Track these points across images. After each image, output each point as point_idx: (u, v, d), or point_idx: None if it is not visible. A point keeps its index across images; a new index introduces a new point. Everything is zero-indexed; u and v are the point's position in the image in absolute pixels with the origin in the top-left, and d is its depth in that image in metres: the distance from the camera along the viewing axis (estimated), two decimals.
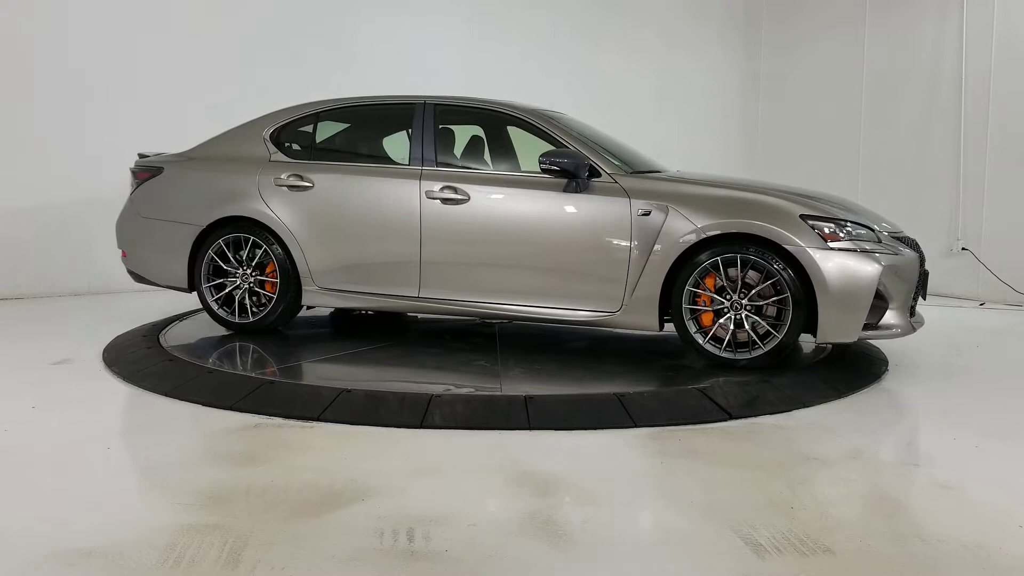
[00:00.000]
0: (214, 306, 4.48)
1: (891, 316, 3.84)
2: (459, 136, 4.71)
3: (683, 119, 9.09)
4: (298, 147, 4.66)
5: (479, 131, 4.76)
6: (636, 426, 3.10)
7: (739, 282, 3.76)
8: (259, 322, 4.43)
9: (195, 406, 3.33)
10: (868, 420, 3.38)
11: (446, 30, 7.90)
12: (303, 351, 4.39)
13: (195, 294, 4.61)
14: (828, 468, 2.68)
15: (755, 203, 3.88)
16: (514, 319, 4.22)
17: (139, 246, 4.80)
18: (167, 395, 3.46)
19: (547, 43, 8.43)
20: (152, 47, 6.72)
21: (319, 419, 3.12)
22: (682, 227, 3.80)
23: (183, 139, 5.01)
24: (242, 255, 4.44)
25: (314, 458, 2.73)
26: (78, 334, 4.83)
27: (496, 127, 4.71)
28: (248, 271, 4.43)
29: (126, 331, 4.71)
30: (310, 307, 4.67)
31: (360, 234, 4.29)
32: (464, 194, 4.10)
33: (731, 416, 3.23)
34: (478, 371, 3.86)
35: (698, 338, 3.83)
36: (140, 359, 4.01)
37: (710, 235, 3.77)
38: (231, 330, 4.49)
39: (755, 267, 3.74)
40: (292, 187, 4.37)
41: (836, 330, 3.72)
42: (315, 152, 4.67)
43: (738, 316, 3.77)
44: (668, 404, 3.32)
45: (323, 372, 3.94)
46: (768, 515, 2.27)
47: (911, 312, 3.98)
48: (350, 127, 4.83)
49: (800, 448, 2.90)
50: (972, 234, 7.19)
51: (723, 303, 3.79)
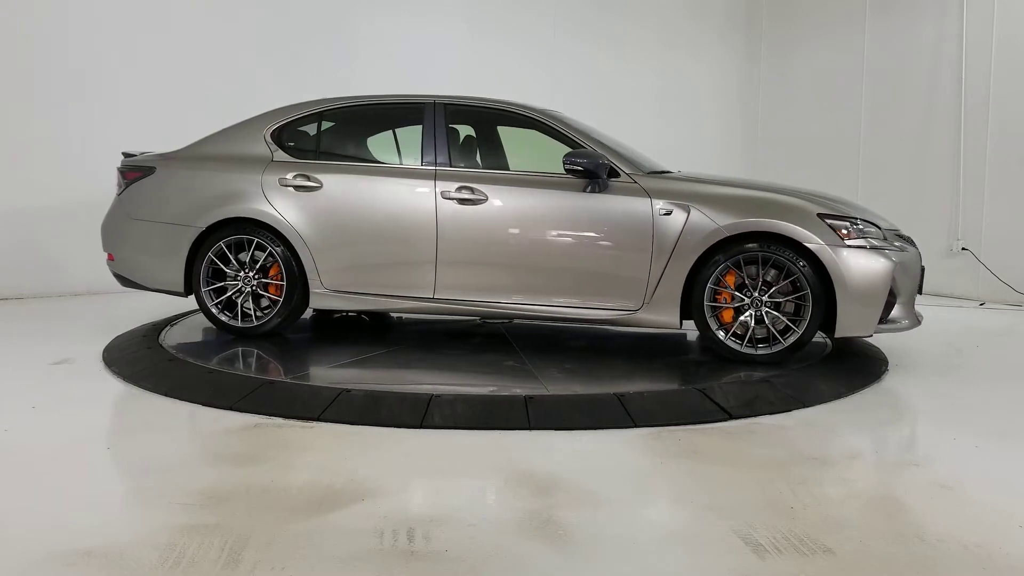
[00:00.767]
0: (214, 310, 4.37)
1: (899, 310, 4.01)
2: (473, 136, 4.71)
3: (683, 119, 9.10)
4: (302, 147, 4.56)
5: (471, 131, 4.75)
6: (636, 426, 3.11)
7: (760, 280, 3.89)
8: (263, 326, 4.33)
9: (195, 406, 3.33)
10: (868, 420, 3.38)
11: (446, 30, 7.91)
12: (316, 356, 4.26)
13: (189, 298, 4.49)
14: (828, 468, 2.68)
15: (775, 202, 3.99)
16: (532, 318, 4.20)
17: (129, 249, 4.61)
18: (167, 395, 3.46)
19: (547, 43, 8.43)
20: (151, 47, 6.72)
21: (319, 419, 3.12)
22: (705, 226, 3.89)
23: (181, 139, 4.97)
24: (243, 257, 4.35)
25: (314, 458, 2.73)
26: (78, 334, 4.83)
27: (509, 127, 4.69)
28: (251, 274, 4.33)
29: (126, 331, 4.71)
30: (316, 311, 4.59)
31: (372, 235, 4.20)
32: (481, 194, 4.09)
33: (731, 416, 3.23)
34: (512, 372, 3.82)
35: (719, 334, 3.93)
36: (140, 359, 4.01)
37: (733, 234, 3.87)
38: (232, 335, 4.39)
39: (775, 265, 3.87)
40: (299, 187, 4.27)
41: (854, 325, 3.85)
42: (320, 152, 4.56)
43: (758, 313, 3.89)
44: (668, 404, 3.32)
45: (353, 376, 3.74)
46: (768, 515, 2.27)
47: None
48: (356, 126, 4.77)
49: (800, 448, 2.90)
50: (972, 234, 7.19)
51: (743, 300, 3.91)
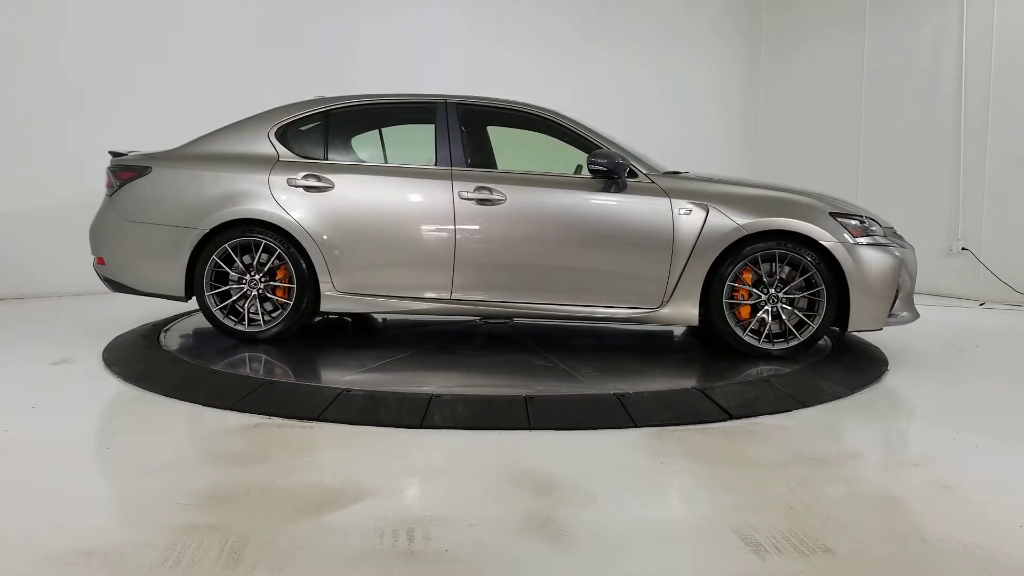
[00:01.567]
0: (219, 315, 4.23)
1: (900, 305, 4.18)
2: (484, 137, 4.70)
3: (683, 119, 9.10)
4: (309, 146, 4.43)
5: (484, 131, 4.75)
6: (636, 426, 3.11)
7: (777, 277, 4.03)
8: (271, 330, 4.21)
9: (195, 406, 3.33)
10: (868, 420, 3.38)
11: (446, 29, 7.91)
12: (330, 360, 4.14)
13: (186, 302, 4.39)
14: (828, 468, 2.68)
15: (790, 202, 4.13)
16: (551, 318, 4.22)
17: (123, 252, 4.40)
18: (167, 395, 3.46)
19: (547, 43, 8.43)
20: (151, 47, 6.72)
21: (319, 419, 3.12)
22: (724, 225, 4.00)
23: (177, 138, 4.95)
24: (248, 260, 4.22)
25: (314, 458, 2.73)
26: (78, 334, 4.83)
27: (521, 128, 4.68)
28: (258, 277, 4.22)
29: (126, 331, 4.71)
30: (324, 314, 4.51)
31: (387, 236, 4.13)
32: (500, 194, 4.08)
33: (731, 416, 3.23)
34: (547, 372, 3.82)
35: (737, 330, 4.05)
36: (140, 359, 4.01)
37: (751, 232, 3.98)
38: (238, 340, 4.24)
39: (791, 262, 4.01)
40: (309, 188, 4.16)
41: (865, 320, 4.02)
42: (329, 151, 4.46)
43: (774, 309, 4.03)
44: (668, 404, 3.32)
45: (391, 381, 3.65)
46: (768, 515, 2.27)
47: None
48: (364, 126, 4.73)
49: (800, 448, 2.90)
50: (972, 234, 7.20)
51: (760, 297, 4.04)
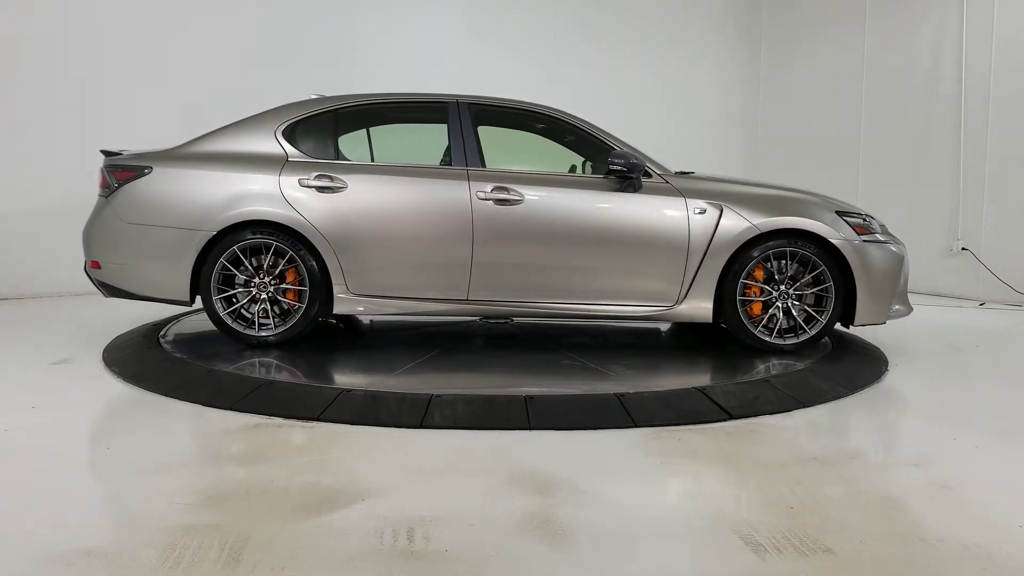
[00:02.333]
0: (227, 319, 4.10)
1: (896, 299, 4.33)
2: (495, 137, 4.70)
3: (683, 119, 9.10)
4: (318, 145, 4.37)
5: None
6: (636, 426, 3.11)
7: (788, 273, 4.18)
8: (283, 334, 4.10)
9: (195, 406, 3.33)
10: (868, 420, 3.38)
11: (445, 28, 7.91)
12: (361, 363, 4.09)
13: (190, 307, 4.28)
14: (828, 468, 2.68)
15: (799, 201, 4.29)
16: (569, 317, 4.26)
17: (123, 256, 4.20)
18: (167, 395, 3.46)
19: (547, 42, 8.43)
20: (150, 47, 6.72)
21: (319, 419, 3.12)
22: (738, 224, 4.11)
23: (178, 138, 4.96)
24: (256, 262, 4.11)
25: (314, 458, 2.73)
26: (78, 334, 4.83)
27: (533, 128, 4.70)
28: (268, 279, 4.11)
29: (126, 331, 4.71)
30: (334, 317, 4.43)
31: (404, 237, 4.08)
32: (517, 194, 4.09)
33: (731, 416, 3.23)
34: (577, 371, 3.86)
35: (750, 326, 4.16)
36: (140, 359, 4.01)
37: (764, 231, 4.10)
38: (247, 345, 4.12)
39: (800, 260, 4.15)
40: (322, 188, 4.07)
41: (870, 314, 4.21)
42: (339, 151, 4.41)
43: (785, 305, 4.17)
44: (668, 404, 3.32)
45: (424, 383, 3.58)
46: (768, 515, 2.27)
47: None
48: (374, 125, 4.70)
49: (800, 448, 2.90)
50: (972, 234, 7.20)
51: (771, 293, 4.17)
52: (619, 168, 4.08)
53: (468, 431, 3.04)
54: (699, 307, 4.14)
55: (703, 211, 4.12)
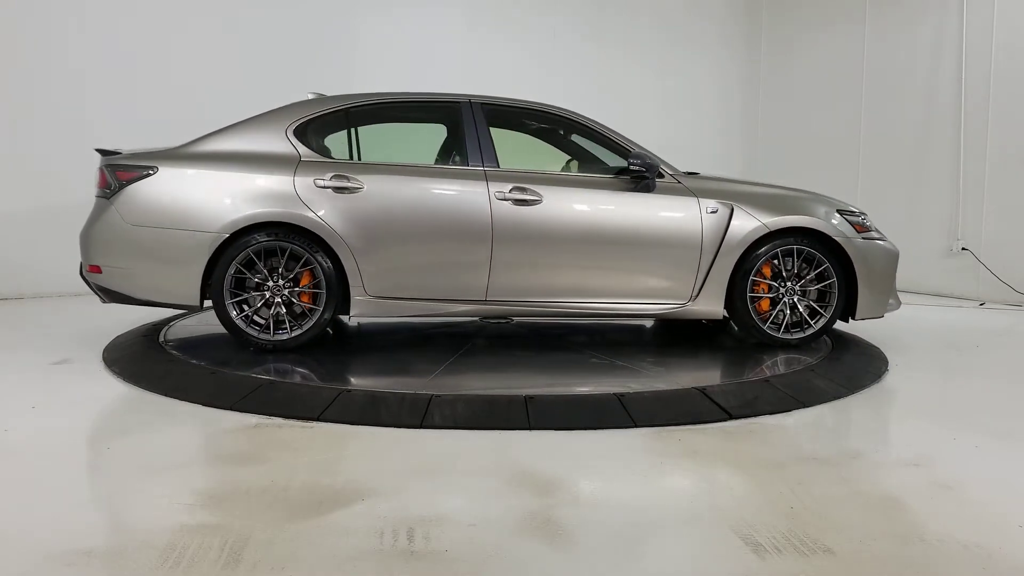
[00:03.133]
0: (241, 324, 3.99)
1: (890, 295, 4.54)
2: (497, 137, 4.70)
3: (683, 118, 9.10)
4: (332, 145, 4.29)
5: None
6: (636, 426, 3.11)
7: (795, 271, 4.32)
8: (299, 338, 4.00)
9: (195, 406, 3.33)
10: (868, 420, 3.38)
11: (445, 27, 7.91)
12: (385, 367, 4.01)
13: (200, 312, 4.18)
14: (828, 468, 2.68)
15: (804, 200, 4.44)
16: (585, 316, 4.30)
17: (127, 260, 4.02)
18: (167, 395, 3.46)
19: (546, 41, 8.43)
20: (150, 47, 6.72)
21: (319, 419, 3.12)
22: (748, 223, 4.22)
23: (179, 137, 4.95)
24: (270, 265, 4.00)
25: (314, 458, 2.73)
26: (78, 334, 4.83)
27: (545, 129, 4.70)
28: (282, 283, 4.00)
29: (126, 331, 4.71)
30: (348, 320, 4.36)
31: (422, 238, 4.04)
32: (535, 194, 4.09)
33: (731, 416, 3.24)
34: (605, 369, 3.89)
35: (759, 322, 4.29)
36: (140, 359, 4.01)
37: (773, 229, 4.22)
38: (261, 350, 4.00)
39: (806, 257, 4.30)
40: (338, 189, 3.98)
41: (870, 309, 4.39)
42: (354, 151, 4.34)
43: (791, 301, 4.32)
44: (668, 404, 3.32)
45: (457, 384, 3.58)
46: (768, 515, 2.27)
47: None
48: (386, 124, 4.68)
49: (800, 448, 2.90)
50: (972, 234, 7.20)
51: (779, 290, 4.31)
52: (638, 168, 4.13)
53: (468, 431, 3.04)
54: (711, 304, 4.24)
55: (715, 210, 4.22)
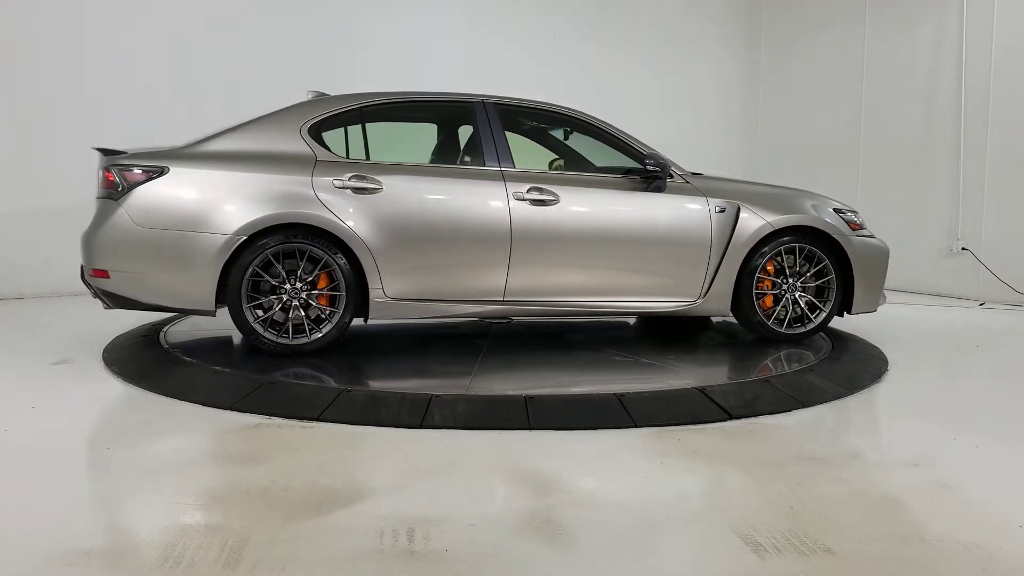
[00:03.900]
0: (259, 328, 3.86)
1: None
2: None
3: (683, 119, 9.10)
4: (348, 145, 4.20)
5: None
6: (636, 426, 3.10)
7: (797, 268, 4.46)
8: (319, 341, 3.91)
9: (195, 406, 3.33)
10: (868, 420, 3.38)
11: (445, 27, 7.91)
12: (414, 369, 3.96)
13: (213, 316, 4.04)
14: (828, 468, 2.68)
15: (805, 200, 4.58)
16: (599, 315, 4.36)
17: (139, 264, 3.85)
18: (167, 395, 3.46)
19: (546, 41, 8.43)
20: (150, 46, 6.72)
21: (319, 419, 3.12)
22: (754, 222, 4.33)
23: (179, 137, 4.94)
24: (286, 267, 3.90)
25: (314, 458, 2.73)
26: (78, 334, 4.83)
27: (536, 129, 4.71)
28: (300, 285, 3.89)
29: (126, 331, 4.71)
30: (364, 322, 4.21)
31: (442, 239, 4.00)
32: (552, 195, 4.11)
33: (731, 416, 3.24)
34: (634, 366, 3.95)
35: (764, 318, 4.43)
36: (140, 359, 4.01)
37: (777, 228, 4.35)
38: (281, 355, 3.89)
39: (806, 255, 4.45)
40: (357, 190, 3.92)
41: (865, 303, 4.56)
42: (370, 150, 4.26)
43: (793, 297, 4.46)
44: (668, 404, 3.32)
45: (502, 383, 3.61)
46: (768, 515, 2.27)
47: None
48: (400, 124, 4.66)
49: (800, 448, 2.90)
50: (972, 234, 7.20)
51: (781, 287, 4.45)
52: (654, 168, 4.20)
53: (468, 431, 3.04)
54: (720, 301, 4.33)
55: (723, 210, 4.31)
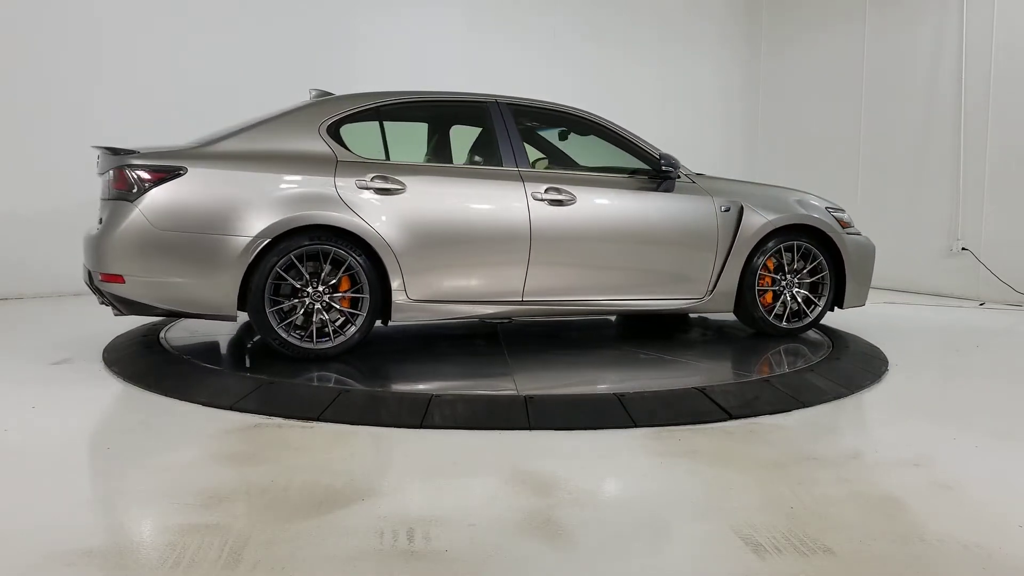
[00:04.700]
0: (282, 332, 3.75)
1: None
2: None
3: (683, 118, 9.10)
4: (367, 144, 4.13)
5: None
6: (636, 426, 3.10)
7: (795, 265, 4.64)
8: (343, 345, 3.83)
9: (195, 406, 3.32)
10: (868, 420, 3.38)
11: (445, 27, 7.91)
12: (435, 373, 3.89)
13: (234, 321, 3.88)
14: (828, 468, 2.68)
15: (802, 199, 4.74)
16: (610, 313, 4.43)
17: (157, 268, 3.69)
18: (167, 395, 3.46)
19: (546, 40, 8.43)
20: (151, 46, 6.72)
21: (319, 419, 3.12)
22: (756, 221, 4.48)
23: (180, 137, 4.94)
24: (308, 269, 3.81)
25: (314, 458, 2.73)
26: (78, 334, 4.83)
27: (568, 130, 4.74)
28: (322, 288, 3.81)
29: (126, 331, 4.71)
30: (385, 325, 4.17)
31: (465, 240, 3.98)
32: (569, 195, 4.14)
33: (731, 416, 3.23)
34: (657, 364, 4.03)
35: (765, 314, 4.58)
36: (140, 359, 4.01)
37: (777, 227, 4.51)
38: (304, 359, 3.80)
39: (803, 252, 4.62)
40: (380, 191, 3.86)
41: (856, 298, 4.76)
42: (389, 150, 4.23)
43: (791, 293, 4.64)
44: (668, 404, 3.32)
45: (537, 382, 3.62)
46: (768, 515, 2.27)
47: None
48: (416, 124, 4.66)
49: (800, 448, 2.90)
50: (972, 234, 7.20)
51: (780, 283, 4.62)
52: (668, 169, 4.29)
53: (468, 431, 3.04)
54: (725, 298, 4.48)
55: (727, 209, 4.45)
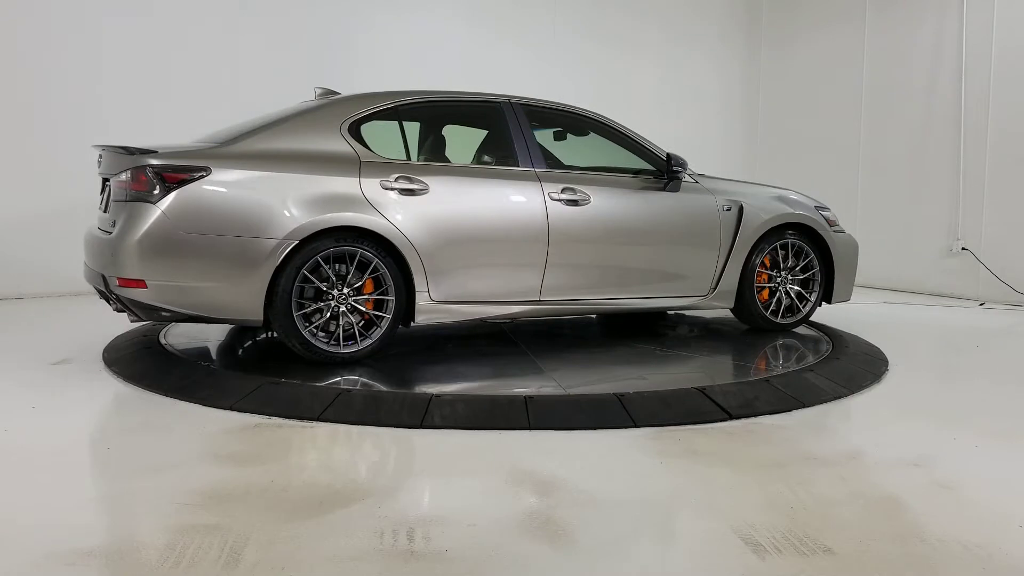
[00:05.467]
0: (308, 336, 3.65)
1: None
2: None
3: (683, 118, 9.10)
4: (388, 144, 4.11)
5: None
6: (636, 426, 3.11)
7: (789, 262, 4.75)
8: (369, 348, 3.76)
9: (195, 406, 3.32)
10: (868, 420, 3.38)
11: (445, 27, 7.91)
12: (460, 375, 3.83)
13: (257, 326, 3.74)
14: (828, 468, 2.68)
15: (796, 199, 4.88)
16: (621, 311, 4.48)
17: (182, 272, 3.54)
18: (167, 395, 3.46)
19: (547, 40, 8.43)
20: (151, 46, 6.72)
21: (319, 419, 3.12)
22: (756, 219, 4.60)
23: (180, 136, 4.93)
24: (336, 271, 3.72)
25: (314, 458, 2.73)
26: (78, 334, 4.82)
27: (576, 131, 4.77)
28: (347, 291, 3.71)
29: (126, 331, 4.71)
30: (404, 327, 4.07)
31: (487, 240, 3.98)
32: (584, 195, 4.18)
33: (731, 416, 3.24)
34: (672, 360, 4.14)
35: (762, 310, 4.69)
36: (140, 359, 4.01)
37: (774, 225, 4.63)
38: (330, 363, 3.71)
39: (797, 250, 4.76)
40: (404, 191, 3.81)
41: (843, 293, 4.92)
42: (410, 150, 4.25)
43: (785, 289, 4.76)
44: (668, 404, 3.31)
45: (567, 380, 3.62)
46: (768, 515, 2.27)
47: None
48: (434, 123, 4.64)
49: (800, 448, 2.90)
50: (972, 234, 7.20)
51: (776, 279, 4.74)
52: (678, 169, 4.38)
53: (468, 431, 3.04)
54: (726, 296, 4.59)
55: (729, 208, 4.56)
